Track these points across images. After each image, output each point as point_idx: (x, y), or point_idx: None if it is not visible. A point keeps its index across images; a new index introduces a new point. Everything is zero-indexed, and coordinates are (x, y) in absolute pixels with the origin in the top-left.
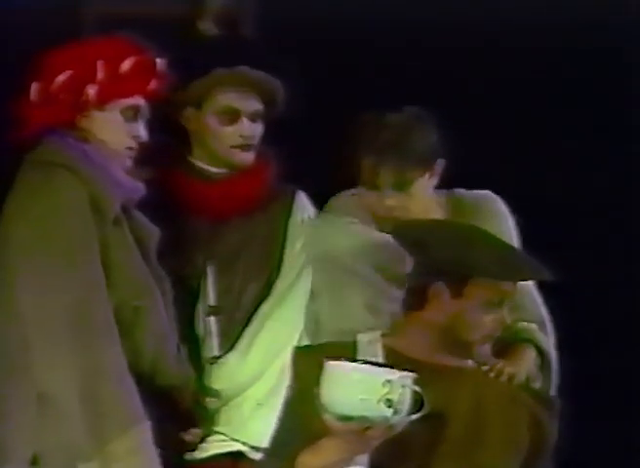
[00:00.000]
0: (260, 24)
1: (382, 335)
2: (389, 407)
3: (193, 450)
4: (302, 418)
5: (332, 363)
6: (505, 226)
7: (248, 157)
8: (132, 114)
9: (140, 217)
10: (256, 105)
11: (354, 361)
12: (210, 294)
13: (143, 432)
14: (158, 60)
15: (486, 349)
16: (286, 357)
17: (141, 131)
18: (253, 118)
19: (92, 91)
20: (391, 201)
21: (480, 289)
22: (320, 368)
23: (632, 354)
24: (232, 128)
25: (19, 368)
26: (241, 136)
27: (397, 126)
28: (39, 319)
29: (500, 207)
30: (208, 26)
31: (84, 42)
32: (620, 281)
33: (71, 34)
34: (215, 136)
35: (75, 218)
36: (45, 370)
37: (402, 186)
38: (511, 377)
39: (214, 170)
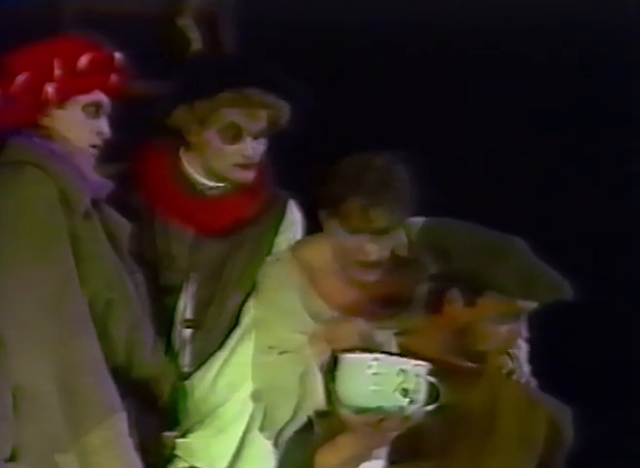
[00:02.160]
0: (240, 21)
1: (396, 334)
2: (405, 396)
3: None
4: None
5: (345, 355)
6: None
7: (248, 175)
8: (93, 110)
9: (111, 212)
10: (260, 124)
11: (368, 352)
12: (187, 307)
13: (119, 422)
14: (117, 55)
15: (504, 360)
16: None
17: (104, 127)
18: (256, 136)
19: (50, 89)
20: (373, 245)
21: (495, 302)
22: None
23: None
24: (235, 147)
25: None
26: (243, 155)
27: (385, 168)
28: (14, 313)
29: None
30: (187, 23)
31: (40, 42)
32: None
33: (50, 32)
34: (216, 154)
35: (45, 213)
36: (21, 363)
37: (391, 229)
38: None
39: (209, 183)
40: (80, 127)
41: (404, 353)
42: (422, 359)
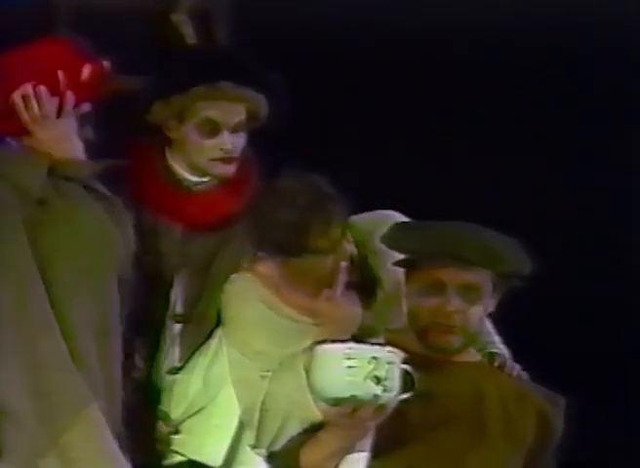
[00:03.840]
0: (234, 17)
1: (386, 331)
2: (377, 384)
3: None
4: None
5: (319, 347)
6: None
7: (228, 169)
8: (86, 119)
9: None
10: (238, 117)
11: (341, 342)
12: (177, 302)
13: (94, 413)
14: (106, 64)
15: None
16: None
17: (91, 134)
18: (235, 130)
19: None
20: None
21: (419, 273)
22: None
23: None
24: (213, 141)
25: None
26: (221, 148)
27: (315, 185)
28: None
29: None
30: (181, 19)
31: (32, 48)
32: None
33: (45, 29)
34: (195, 149)
35: None
36: None
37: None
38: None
39: (194, 179)
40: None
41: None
42: (411, 354)
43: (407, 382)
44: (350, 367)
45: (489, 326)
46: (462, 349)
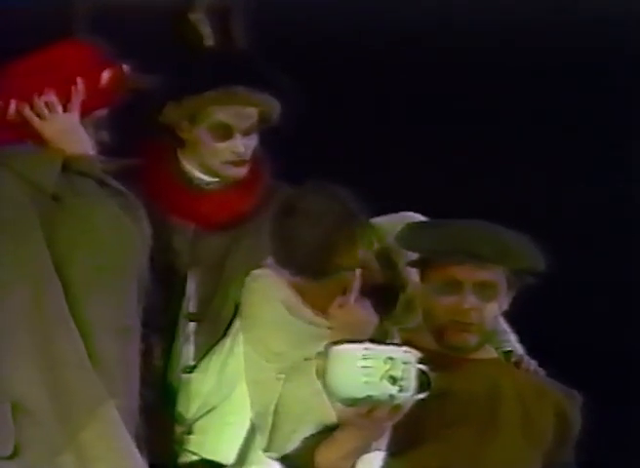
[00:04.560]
0: (253, 16)
1: (401, 330)
2: (393, 384)
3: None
4: None
5: (335, 347)
6: None
7: (240, 171)
8: (102, 123)
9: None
10: (250, 121)
11: (358, 342)
12: (190, 301)
13: (110, 411)
14: (125, 67)
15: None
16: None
17: (106, 137)
18: (247, 133)
19: (74, 108)
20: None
21: (435, 271)
22: None
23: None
24: (225, 144)
25: None
26: (233, 152)
27: (337, 200)
28: None
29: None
30: (199, 18)
31: (51, 52)
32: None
33: (63, 28)
34: (207, 151)
35: (11, 210)
36: (8, 373)
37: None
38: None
39: (206, 178)
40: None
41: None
42: (427, 352)
43: (423, 382)
44: (366, 367)
45: (504, 324)
46: (479, 347)
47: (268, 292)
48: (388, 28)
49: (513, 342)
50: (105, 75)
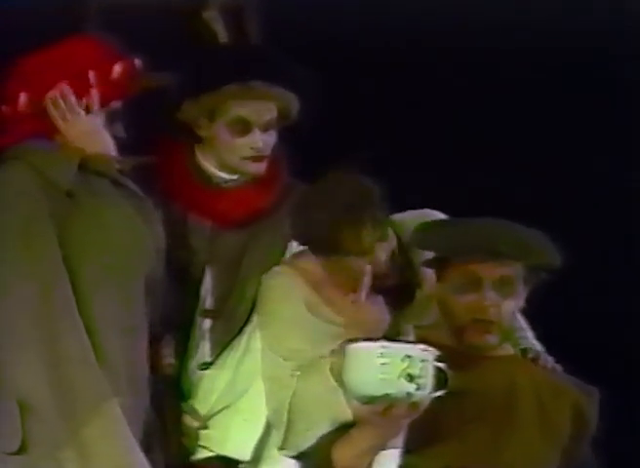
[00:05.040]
0: (266, 13)
1: (417, 328)
2: (410, 382)
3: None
4: None
5: (352, 345)
6: None
7: (259, 168)
8: (116, 117)
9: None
10: (269, 116)
11: (374, 340)
12: (207, 298)
13: (113, 409)
14: (136, 61)
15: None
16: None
17: (121, 131)
18: (265, 128)
19: (85, 101)
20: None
21: (454, 270)
22: None
23: None
24: (244, 139)
25: None
26: (252, 147)
27: (356, 187)
28: (2, 315)
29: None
30: (213, 16)
31: (61, 47)
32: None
33: (74, 28)
34: (226, 147)
35: (23, 208)
36: (12, 367)
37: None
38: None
39: (224, 176)
40: (102, 133)
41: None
42: (441, 347)
43: (440, 380)
44: (384, 364)
45: (521, 321)
46: (499, 346)
47: (287, 289)
48: (407, 21)
49: (530, 339)
50: (117, 68)
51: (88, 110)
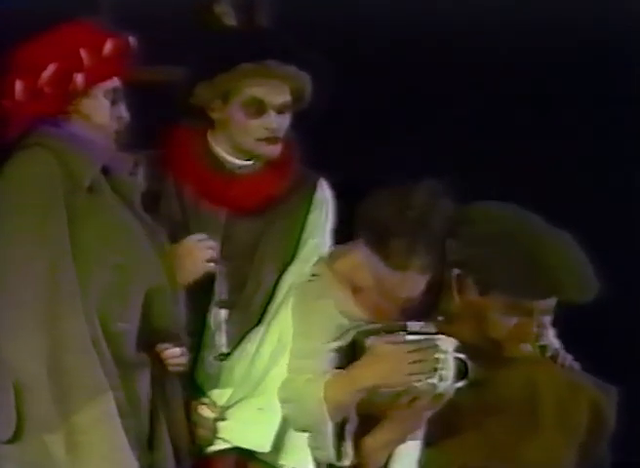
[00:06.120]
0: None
1: (438, 321)
2: (433, 372)
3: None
4: None
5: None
6: None
7: (274, 150)
8: (113, 96)
9: (121, 176)
10: (283, 98)
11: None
12: (222, 288)
13: (107, 402)
14: (131, 39)
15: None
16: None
17: (123, 111)
18: (280, 110)
19: (79, 79)
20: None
21: (502, 298)
22: None
23: None
24: (258, 121)
25: None
26: (267, 128)
27: (426, 204)
28: (3, 293)
29: None
30: (224, 10)
31: (53, 33)
32: None
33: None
34: (240, 129)
35: (40, 193)
36: (11, 344)
37: (427, 269)
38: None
39: (238, 162)
40: (105, 113)
41: None
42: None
43: (461, 370)
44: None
45: None
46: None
47: (326, 290)
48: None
49: (549, 336)
50: (108, 45)
51: (84, 88)
